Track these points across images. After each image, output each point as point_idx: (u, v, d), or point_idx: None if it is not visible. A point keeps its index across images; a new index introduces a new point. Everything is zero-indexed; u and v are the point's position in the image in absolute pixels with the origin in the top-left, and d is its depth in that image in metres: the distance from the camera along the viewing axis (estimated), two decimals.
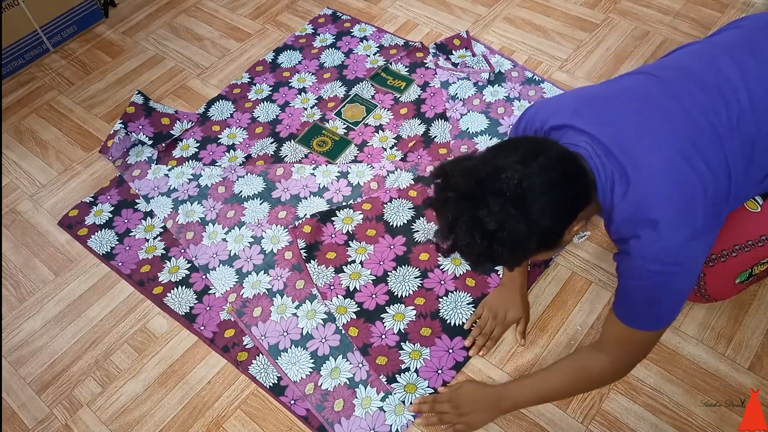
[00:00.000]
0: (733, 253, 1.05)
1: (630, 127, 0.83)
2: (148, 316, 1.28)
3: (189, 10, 1.98)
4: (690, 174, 0.80)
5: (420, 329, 1.20)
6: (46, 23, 1.81)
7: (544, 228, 0.77)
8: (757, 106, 0.82)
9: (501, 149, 0.81)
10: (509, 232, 0.75)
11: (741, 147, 0.82)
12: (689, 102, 0.83)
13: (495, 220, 0.74)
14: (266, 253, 1.34)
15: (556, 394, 1.02)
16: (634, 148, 0.81)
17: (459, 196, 0.76)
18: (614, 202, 0.82)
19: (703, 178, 0.80)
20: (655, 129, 0.82)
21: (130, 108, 1.61)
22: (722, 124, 0.82)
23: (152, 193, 1.48)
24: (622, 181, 0.81)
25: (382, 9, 1.90)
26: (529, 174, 0.75)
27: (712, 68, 0.87)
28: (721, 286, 1.12)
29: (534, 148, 0.79)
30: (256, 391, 1.16)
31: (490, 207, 0.74)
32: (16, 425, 1.16)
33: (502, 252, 0.76)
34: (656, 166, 0.80)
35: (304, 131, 1.57)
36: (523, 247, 0.77)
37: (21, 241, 1.43)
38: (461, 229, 0.76)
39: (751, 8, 1.77)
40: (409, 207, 1.38)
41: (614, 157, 0.81)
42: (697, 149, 0.81)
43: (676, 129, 0.82)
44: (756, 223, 1.01)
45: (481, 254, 0.77)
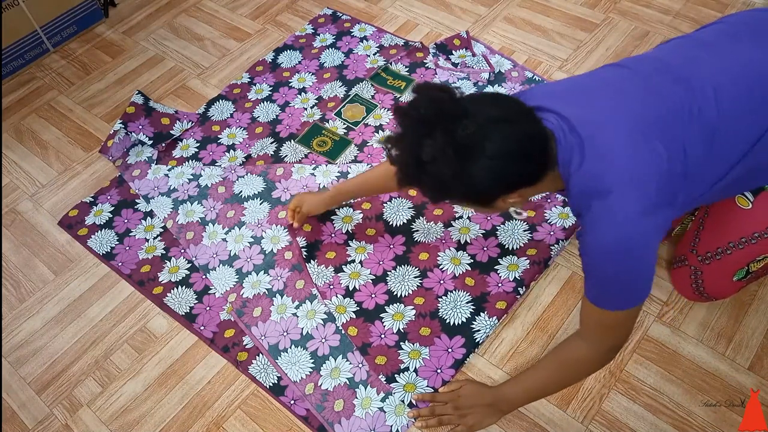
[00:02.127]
0: (728, 251, 1.05)
1: (595, 110, 0.86)
2: (148, 316, 1.28)
3: (189, 10, 1.98)
4: (644, 151, 0.82)
5: (419, 329, 1.20)
6: (46, 23, 1.81)
7: (472, 186, 0.80)
8: (721, 98, 0.84)
9: (484, 99, 0.83)
10: (437, 171, 0.78)
11: (701, 133, 0.84)
12: (655, 90, 0.86)
13: (431, 153, 0.77)
14: (266, 253, 1.34)
15: (547, 389, 1.03)
16: (595, 126, 0.84)
17: (417, 116, 0.79)
18: (570, 173, 0.84)
19: (658, 156, 0.82)
20: (617, 111, 0.85)
21: (130, 108, 1.61)
22: (683, 112, 0.84)
23: (152, 193, 1.48)
24: (580, 153, 0.83)
25: (382, 9, 1.90)
26: (487, 133, 0.77)
27: (686, 61, 0.89)
28: (719, 284, 1.12)
29: (510, 114, 0.81)
30: (256, 391, 1.16)
31: (435, 140, 0.77)
32: (16, 425, 1.16)
33: (425, 182, 0.81)
34: (612, 141, 0.83)
35: (304, 131, 1.57)
36: (445, 190, 0.82)
37: (21, 241, 1.43)
38: (402, 145, 0.80)
39: (751, 8, 1.76)
40: (408, 206, 1.38)
41: (576, 132, 0.83)
42: (654, 131, 0.83)
43: (637, 111, 0.84)
44: (748, 220, 1.02)
45: (408, 174, 0.81)
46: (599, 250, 0.84)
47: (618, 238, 0.82)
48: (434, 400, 1.10)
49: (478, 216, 1.35)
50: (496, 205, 0.87)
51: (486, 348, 1.18)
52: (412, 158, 0.79)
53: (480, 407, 1.06)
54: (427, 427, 1.08)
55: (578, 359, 0.96)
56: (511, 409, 1.07)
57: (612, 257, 0.83)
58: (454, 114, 0.78)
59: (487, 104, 0.81)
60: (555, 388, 1.04)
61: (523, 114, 0.83)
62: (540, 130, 0.83)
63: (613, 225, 0.82)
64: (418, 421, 1.09)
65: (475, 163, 0.78)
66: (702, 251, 1.11)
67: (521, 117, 0.82)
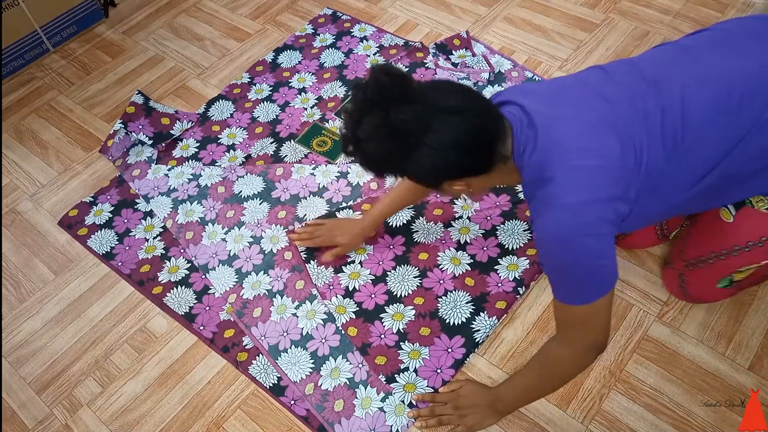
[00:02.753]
0: (710, 260, 1.07)
1: (559, 106, 0.88)
2: (148, 316, 1.28)
3: (189, 10, 1.98)
4: (595, 143, 0.83)
5: (419, 329, 1.20)
6: (46, 23, 1.81)
7: (408, 169, 0.84)
8: (688, 102, 0.85)
9: (444, 88, 0.85)
10: (370, 150, 0.83)
11: (661, 134, 0.85)
12: (621, 90, 0.87)
13: (367, 132, 0.81)
14: (266, 253, 1.34)
15: (537, 391, 1.03)
16: (552, 119, 0.86)
17: (362, 96, 0.82)
18: (523, 164, 0.86)
19: (608, 150, 0.83)
20: (579, 108, 0.87)
21: (130, 108, 1.61)
22: (645, 112, 0.85)
23: (152, 193, 1.48)
24: (533, 145, 0.85)
25: (382, 9, 1.90)
26: (430, 121, 0.80)
27: (659, 65, 0.90)
28: (702, 289, 1.14)
29: (464, 106, 0.82)
30: (256, 391, 1.16)
31: (372, 120, 0.80)
32: (16, 425, 1.16)
33: (359, 158, 0.85)
34: (564, 132, 0.84)
35: (304, 131, 1.57)
36: (378, 168, 0.86)
37: (21, 241, 1.43)
38: (346, 120, 0.84)
39: (751, 8, 1.77)
40: (408, 207, 1.38)
41: (533, 125, 0.85)
42: (612, 127, 0.84)
43: (599, 108, 0.86)
44: (730, 233, 1.02)
45: (345, 147, 0.85)
46: (541, 237, 0.86)
47: (557, 226, 0.83)
48: (434, 400, 1.10)
49: (478, 216, 1.35)
50: (442, 189, 0.89)
51: (486, 348, 1.18)
52: (351, 133, 0.83)
53: (480, 407, 1.06)
54: (427, 427, 1.08)
55: (557, 362, 0.94)
56: (508, 409, 1.07)
57: (553, 245, 0.85)
58: (396, 98, 0.80)
59: (444, 94, 0.83)
60: (543, 391, 1.03)
61: (477, 107, 0.84)
62: (492, 124, 0.85)
63: (551, 212, 0.83)
64: (418, 421, 1.09)
65: (414, 148, 0.81)
66: (688, 257, 1.12)
67: (475, 110, 0.83)
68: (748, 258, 1.03)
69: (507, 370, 1.15)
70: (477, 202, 1.37)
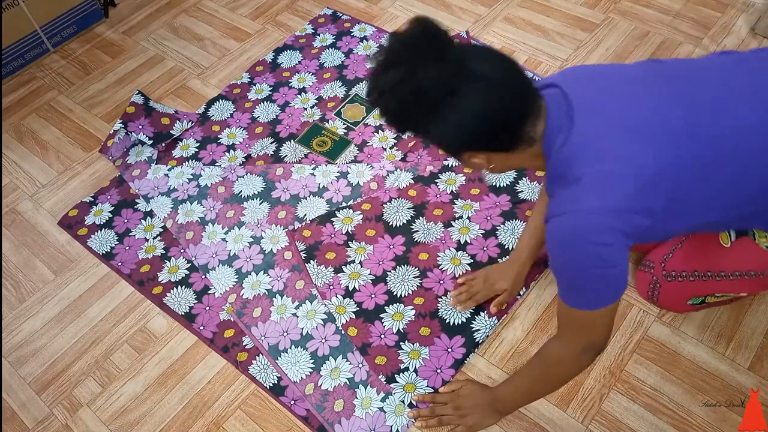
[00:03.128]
0: (691, 277, 1.05)
1: (603, 99, 0.83)
2: (148, 316, 1.28)
3: (189, 10, 1.98)
4: (632, 151, 0.79)
5: (419, 329, 1.20)
6: (46, 23, 1.81)
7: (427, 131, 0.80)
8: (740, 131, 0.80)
9: (486, 56, 0.80)
10: (387, 103, 0.79)
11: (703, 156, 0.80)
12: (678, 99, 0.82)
13: (389, 85, 0.77)
14: (266, 253, 1.34)
15: (536, 391, 1.01)
16: (592, 113, 0.81)
17: (394, 46, 0.78)
18: (551, 153, 0.82)
19: (644, 161, 0.78)
20: (626, 106, 0.82)
21: (130, 108, 1.61)
22: (694, 127, 0.80)
23: (152, 193, 1.48)
24: (565, 136, 0.81)
25: (382, 9, 1.90)
26: (459, 87, 0.76)
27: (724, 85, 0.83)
28: (672, 301, 1.13)
29: (498, 78, 0.78)
30: (256, 391, 1.16)
31: (396, 73, 0.76)
32: (16, 425, 1.16)
33: (379, 107, 0.81)
34: (602, 132, 0.80)
35: (304, 131, 1.57)
36: (396, 124, 0.82)
37: (21, 241, 1.43)
38: (374, 66, 0.80)
39: (751, 8, 1.76)
40: (408, 207, 1.38)
41: (571, 115, 0.81)
42: (652, 134, 0.79)
43: (645, 111, 0.81)
44: (722, 258, 1.01)
45: (368, 94, 0.81)
46: (552, 238, 0.83)
47: (570, 231, 0.80)
48: (434, 400, 1.10)
49: (477, 216, 1.35)
50: (461, 158, 0.86)
51: (486, 348, 1.18)
52: (374, 82, 0.79)
53: (480, 407, 1.05)
54: (427, 427, 1.08)
55: (556, 361, 0.93)
56: (508, 410, 1.06)
57: (563, 248, 0.82)
58: (427, 55, 0.76)
59: (481, 60, 0.78)
60: (543, 391, 1.02)
61: (512, 81, 0.79)
62: (523, 103, 0.80)
63: (568, 216, 0.80)
64: (418, 422, 1.09)
65: (436, 110, 0.77)
66: (669, 267, 1.10)
67: (508, 84, 0.78)
68: (729, 286, 1.02)
69: (507, 370, 1.15)
70: (477, 203, 1.37)
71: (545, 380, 0.98)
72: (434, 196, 1.39)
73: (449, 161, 1.46)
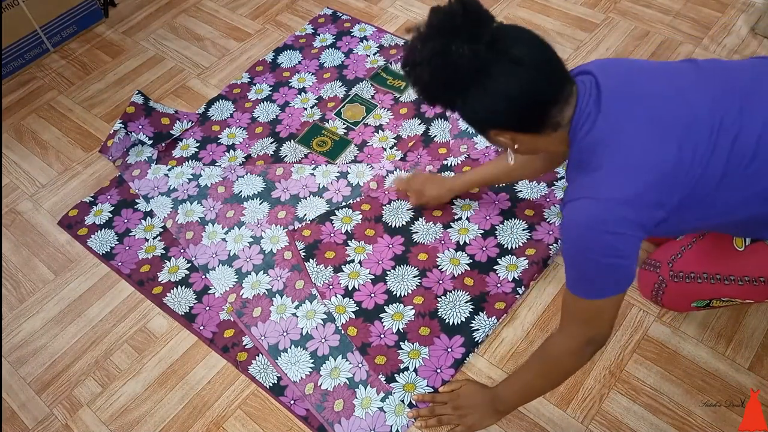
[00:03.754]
0: (699, 279, 1.04)
1: (634, 91, 0.83)
2: (148, 316, 1.28)
3: (189, 10, 1.98)
4: (655, 145, 0.79)
5: (419, 328, 1.20)
6: (46, 23, 1.81)
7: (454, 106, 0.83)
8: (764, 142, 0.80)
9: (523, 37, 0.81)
10: (421, 75, 0.81)
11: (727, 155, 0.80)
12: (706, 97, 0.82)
13: (423, 57, 0.80)
14: (266, 253, 1.34)
15: (536, 388, 1.00)
16: (620, 102, 0.82)
17: (433, 20, 0.80)
18: (576, 140, 0.84)
19: (666, 155, 0.79)
20: (654, 99, 0.82)
21: (130, 108, 1.61)
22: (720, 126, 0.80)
23: (152, 193, 1.48)
24: (591, 123, 0.82)
25: (382, 9, 1.90)
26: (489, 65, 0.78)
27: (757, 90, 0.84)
28: (676, 302, 1.12)
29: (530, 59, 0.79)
30: (256, 391, 1.16)
31: (432, 46, 0.79)
32: (16, 425, 1.16)
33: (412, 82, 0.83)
34: (628, 123, 0.81)
35: (304, 131, 1.57)
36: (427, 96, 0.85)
37: (21, 241, 1.43)
38: (412, 37, 0.82)
39: (751, 8, 1.76)
40: (407, 208, 1.38)
41: (599, 103, 0.82)
42: (678, 129, 0.80)
43: (673, 106, 0.81)
44: (733, 261, 1.00)
45: (402, 66, 0.84)
46: (567, 224, 0.84)
47: (585, 218, 0.81)
48: (434, 400, 1.10)
49: (477, 216, 1.35)
50: (488, 136, 0.88)
51: (486, 348, 1.18)
52: (410, 53, 0.82)
53: (479, 407, 1.05)
54: (426, 427, 1.08)
55: (557, 356, 0.93)
56: (507, 409, 1.06)
57: (576, 235, 0.83)
58: (463, 32, 0.78)
59: (516, 42, 0.79)
60: (543, 387, 1.01)
61: (544, 65, 0.80)
62: (552, 87, 0.81)
63: (584, 203, 0.81)
64: (417, 421, 1.09)
65: (466, 87, 0.79)
66: (677, 268, 1.09)
67: (540, 67, 0.80)
68: (737, 291, 1.00)
69: (507, 370, 1.15)
70: (476, 202, 1.37)
71: (545, 375, 0.97)
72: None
73: (449, 161, 1.46)
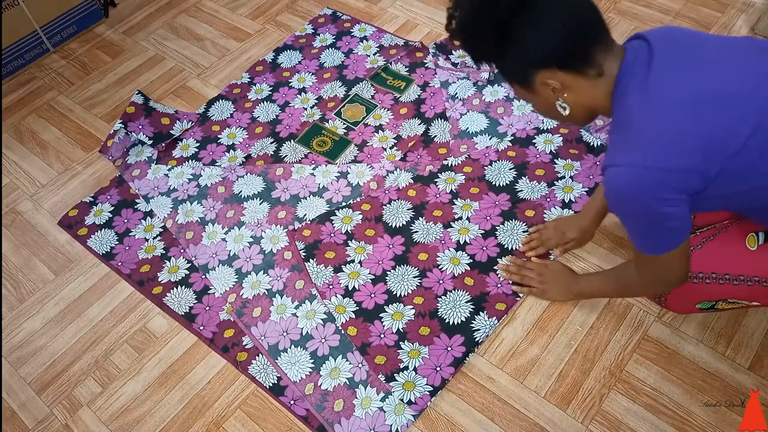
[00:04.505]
0: (707, 279, 1.01)
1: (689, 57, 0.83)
2: (148, 316, 1.28)
3: (189, 10, 1.98)
4: (703, 112, 0.79)
5: (419, 328, 1.20)
6: (46, 23, 1.81)
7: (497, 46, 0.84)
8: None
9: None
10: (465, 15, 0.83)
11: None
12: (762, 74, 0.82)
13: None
14: (266, 253, 1.34)
15: (609, 295, 1.17)
16: (671, 70, 0.82)
17: None
18: (622, 98, 0.84)
19: (712, 124, 0.79)
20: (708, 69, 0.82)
21: (130, 108, 1.61)
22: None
23: (152, 193, 1.48)
24: (641, 83, 0.82)
25: (382, 9, 1.90)
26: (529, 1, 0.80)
27: None
28: (680, 303, 1.10)
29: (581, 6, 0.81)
30: (256, 391, 1.16)
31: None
32: (16, 425, 1.16)
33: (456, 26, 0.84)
34: (678, 87, 0.81)
35: (304, 131, 1.57)
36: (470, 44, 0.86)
37: (21, 241, 1.43)
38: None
39: (751, 8, 1.76)
40: (408, 207, 1.38)
41: (649, 65, 0.82)
42: (726, 101, 0.80)
43: (726, 78, 0.81)
44: (745, 261, 0.98)
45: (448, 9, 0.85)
46: (610, 189, 0.85)
47: (627, 182, 0.82)
48: (525, 265, 1.22)
49: (477, 216, 1.35)
50: (534, 86, 0.88)
51: (486, 348, 1.18)
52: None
53: (561, 283, 1.18)
54: (509, 278, 1.22)
55: (629, 283, 1.04)
56: (581, 296, 1.19)
57: (621, 199, 0.85)
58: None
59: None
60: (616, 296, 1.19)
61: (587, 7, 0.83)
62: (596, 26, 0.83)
63: (626, 167, 0.82)
64: (502, 271, 1.24)
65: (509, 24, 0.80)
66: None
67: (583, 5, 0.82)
68: (746, 293, 0.98)
69: (507, 370, 1.15)
70: (476, 202, 1.36)
71: (619, 292, 1.12)
72: (434, 195, 1.39)
73: (449, 161, 1.46)
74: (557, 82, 0.86)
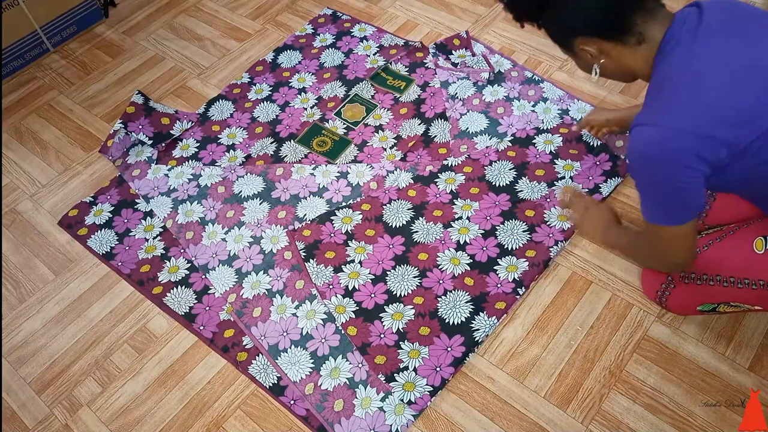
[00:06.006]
0: (711, 281, 1.02)
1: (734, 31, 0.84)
2: (148, 316, 1.28)
3: (189, 10, 1.98)
4: (740, 83, 0.80)
5: (419, 328, 1.20)
6: (46, 23, 1.81)
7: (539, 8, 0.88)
8: None
9: None
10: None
11: None
12: None
13: None
14: (266, 253, 1.34)
15: (630, 256, 1.22)
16: (718, 39, 0.82)
17: None
18: (662, 61, 0.85)
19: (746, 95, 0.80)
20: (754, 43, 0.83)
21: (130, 108, 1.61)
22: None
23: (152, 193, 1.48)
24: (682, 47, 0.83)
25: (382, 9, 1.90)
26: None
27: None
28: (681, 305, 1.12)
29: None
30: (256, 391, 1.16)
31: None
32: (16, 425, 1.16)
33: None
34: (717, 57, 0.81)
35: (304, 131, 1.57)
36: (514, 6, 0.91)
37: (21, 241, 1.43)
38: None
39: None
40: (408, 207, 1.38)
41: (696, 32, 0.83)
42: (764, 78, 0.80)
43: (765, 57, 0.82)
44: (751, 263, 0.98)
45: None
46: (634, 148, 0.86)
47: (651, 144, 0.82)
48: (578, 195, 1.23)
49: (477, 216, 1.35)
50: (575, 49, 0.90)
51: (486, 348, 1.18)
52: None
53: (598, 225, 1.17)
54: (562, 198, 1.23)
55: (643, 251, 1.06)
56: (606, 245, 1.26)
57: (643, 161, 0.85)
58: None
59: None
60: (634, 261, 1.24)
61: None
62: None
63: (654, 128, 0.82)
64: (561, 192, 1.26)
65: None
66: (690, 269, 1.07)
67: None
68: (748, 296, 0.98)
69: (507, 370, 1.15)
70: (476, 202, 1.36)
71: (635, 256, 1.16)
72: (434, 196, 1.39)
73: (449, 161, 1.46)
74: (595, 48, 0.88)
